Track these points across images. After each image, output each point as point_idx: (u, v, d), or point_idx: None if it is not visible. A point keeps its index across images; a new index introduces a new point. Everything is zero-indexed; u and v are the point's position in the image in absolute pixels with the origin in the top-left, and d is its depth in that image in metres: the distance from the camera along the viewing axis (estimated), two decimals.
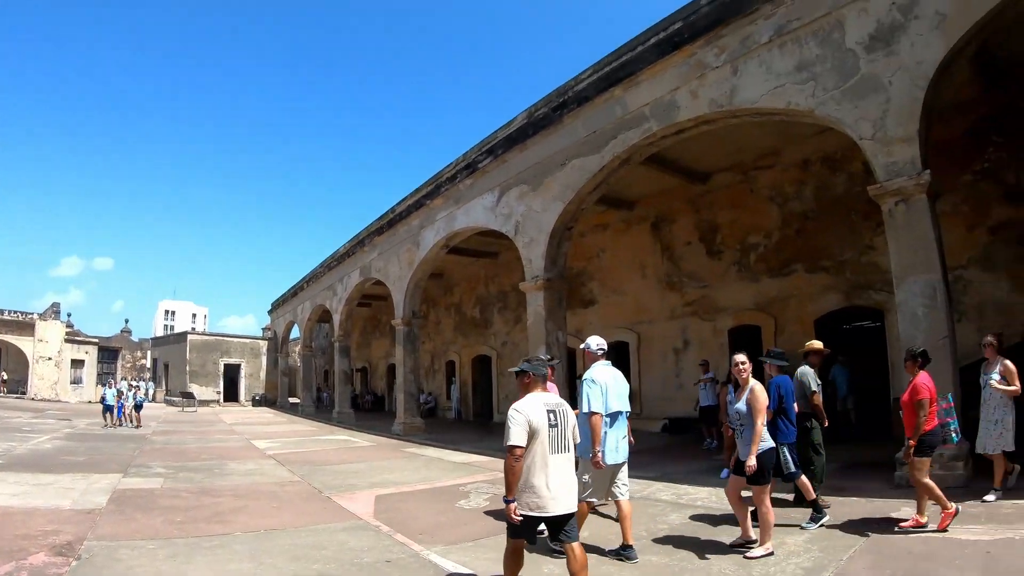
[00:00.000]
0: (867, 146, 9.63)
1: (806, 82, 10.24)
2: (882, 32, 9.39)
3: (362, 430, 24.06)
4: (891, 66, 9.32)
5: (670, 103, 12.31)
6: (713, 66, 11.57)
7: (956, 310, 12.16)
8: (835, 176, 15.49)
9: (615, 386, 7.39)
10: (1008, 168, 13.01)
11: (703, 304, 18.43)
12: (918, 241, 9.15)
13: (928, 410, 6.95)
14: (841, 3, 9.85)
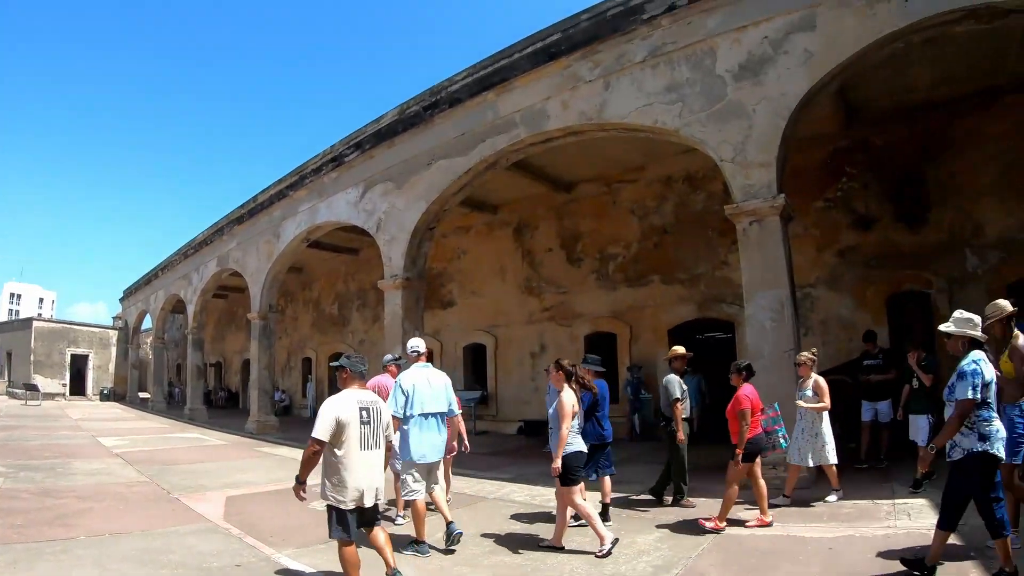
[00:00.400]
0: (727, 168, 10.05)
1: (674, 103, 10.61)
2: (752, 63, 9.89)
3: (214, 428, 23.19)
4: (756, 95, 9.83)
5: (541, 112, 12.25)
6: (586, 79, 11.65)
7: (803, 324, 13.12)
8: (695, 194, 16.23)
9: (427, 389, 7.59)
10: (858, 198, 14.29)
11: (561, 310, 18.68)
12: (769, 259, 9.61)
13: (749, 419, 7.36)
14: (716, 32, 10.28)
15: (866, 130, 14.33)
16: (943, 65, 12.43)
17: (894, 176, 14.10)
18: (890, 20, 9.16)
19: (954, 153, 13.79)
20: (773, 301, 9.55)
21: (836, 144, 14.56)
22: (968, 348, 5.44)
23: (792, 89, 9.62)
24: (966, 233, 13.54)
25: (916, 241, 13.82)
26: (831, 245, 14.48)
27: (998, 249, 13.30)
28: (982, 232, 13.44)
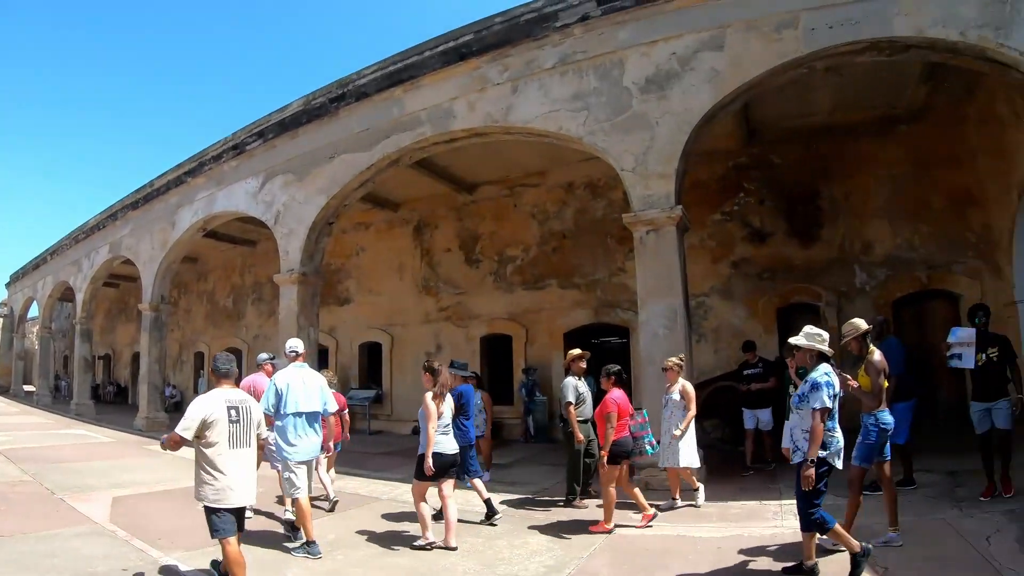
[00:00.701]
0: (627, 177, 10.22)
1: (580, 111, 10.75)
2: (658, 77, 10.13)
3: (102, 424, 22.17)
4: (661, 108, 10.08)
5: (447, 111, 12.12)
6: (495, 82, 11.59)
7: (696, 332, 13.71)
8: (596, 201, 16.43)
9: (302, 388, 7.64)
10: (754, 213, 14.88)
11: (458, 310, 18.56)
12: (664, 268, 9.82)
13: (615, 422, 7.57)
14: (626, 44, 10.48)
15: (766, 148, 14.92)
16: (843, 92, 13.00)
17: (790, 194, 14.74)
18: (795, 46, 9.57)
19: (848, 175, 14.59)
20: (666, 309, 9.76)
21: (736, 160, 15.10)
22: (817, 361, 5.75)
23: (696, 105, 9.91)
24: (856, 250, 14.37)
25: (808, 256, 14.53)
26: (726, 257, 14.99)
27: (885, 266, 14.24)
28: (871, 250, 14.32)
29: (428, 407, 7.31)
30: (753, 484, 9.80)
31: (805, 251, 14.54)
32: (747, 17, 9.86)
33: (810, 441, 5.49)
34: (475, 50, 12.00)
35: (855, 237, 14.40)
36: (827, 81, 12.27)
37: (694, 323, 13.91)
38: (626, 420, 7.91)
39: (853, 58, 10.05)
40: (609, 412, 7.69)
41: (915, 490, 8.39)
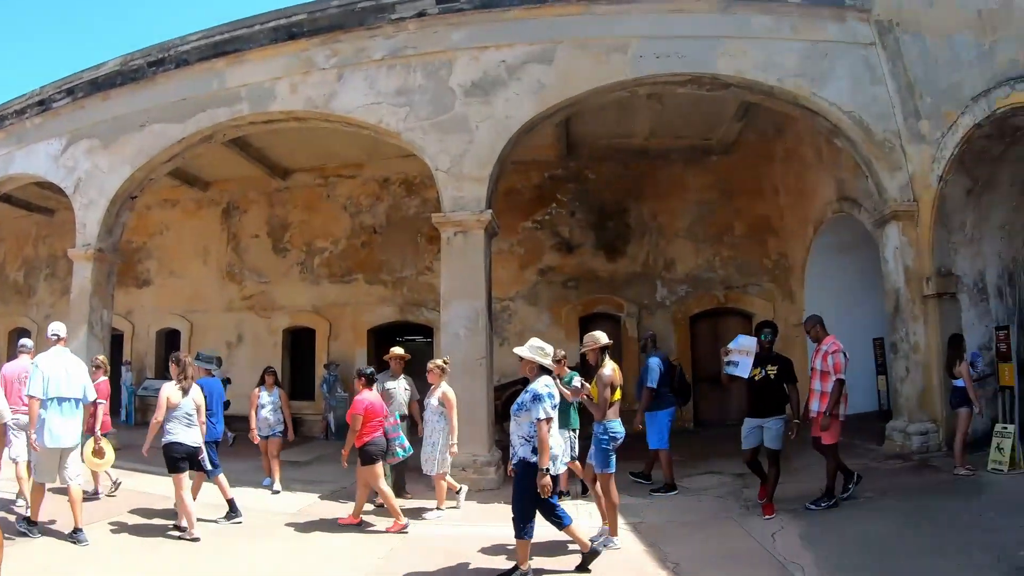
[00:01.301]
0: (441, 178, 10.21)
1: (402, 106, 10.59)
2: (485, 82, 10.20)
3: None
4: (483, 113, 10.15)
5: (268, 91, 11.61)
6: (321, 67, 11.23)
7: (500, 335, 13.85)
8: (410, 199, 16.34)
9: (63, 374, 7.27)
10: (564, 223, 15.38)
11: (262, 300, 17.58)
12: (469, 270, 9.87)
13: (359, 424, 7.60)
14: (458, 46, 10.48)
15: (582, 164, 15.47)
16: (663, 119, 13.69)
17: (601, 209, 15.36)
18: (621, 70, 10.01)
19: (658, 197, 15.45)
20: (469, 310, 9.81)
21: (552, 172, 15.54)
22: (538, 373, 5.93)
23: (518, 113, 10.08)
24: (659, 267, 15.29)
25: (613, 269, 15.21)
26: (534, 264, 15.35)
27: (686, 284, 15.23)
28: (673, 268, 15.28)
29: (161, 397, 7.26)
30: None
31: (611, 264, 15.21)
32: (581, 36, 10.18)
33: (539, 451, 5.59)
34: (306, 31, 11.51)
35: (659, 254, 15.29)
36: (648, 107, 12.84)
37: (498, 326, 14.20)
38: (380, 421, 7.92)
39: (675, 88, 10.70)
40: (354, 414, 7.72)
41: (706, 491, 8.92)
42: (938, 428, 9.88)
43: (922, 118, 10.04)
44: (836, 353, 7.67)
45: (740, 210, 15.35)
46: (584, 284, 15.15)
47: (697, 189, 15.37)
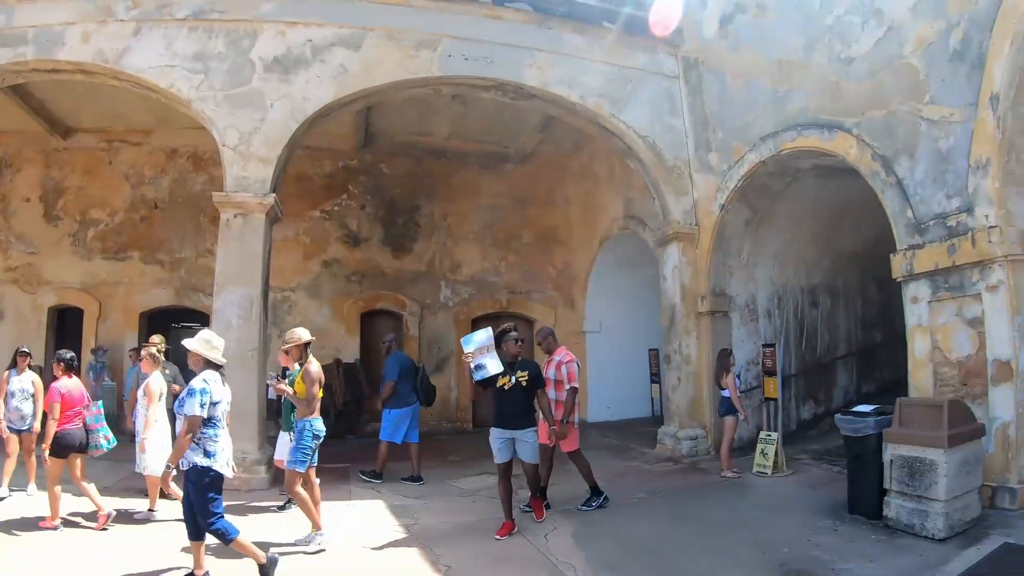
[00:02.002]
0: (227, 154, 9.27)
1: (198, 73, 9.38)
2: (287, 59, 9.36)
3: None
4: (280, 91, 9.31)
5: (58, 37, 9.73)
6: (119, 17, 9.63)
7: (279, 326, 12.89)
8: (197, 174, 14.50)
9: None
10: (353, 216, 14.60)
11: (28, 273, 14.89)
12: (247, 255, 9.05)
13: (56, 413, 6.80)
14: (266, 17, 9.49)
15: (378, 157, 14.84)
16: (464, 121, 13.43)
17: (392, 205, 14.82)
18: (428, 67, 9.59)
19: (450, 198, 15.14)
20: (243, 298, 8.96)
21: (347, 162, 14.76)
22: (204, 367, 5.44)
23: (317, 96, 9.35)
24: (445, 268, 14.96)
25: (398, 266, 14.70)
26: (319, 255, 14.39)
27: (471, 286, 15.01)
28: (459, 270, 15.01)
29: None
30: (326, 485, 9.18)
31: (397, 261, 14.72)
32: (393, 26, 9.62)
33: (175, 448, 5.20)
34: None
35: (446, 255, 15.01)
36: (451, 108, 12.62)
37: (277, 318, 13.31)
38: (78, 411, 7.05)
39: (480, 92, 10.43)
40: (51, 402, 6.84)
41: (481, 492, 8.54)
42: (707, 434, 10.48)
43: (712, 150, 10.59)
44: (570, 363, 7.61)
45: (530, 219, 15.52)
46: (368, 279, 14.50)
47: (490, 194, 15.30)
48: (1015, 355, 5.94)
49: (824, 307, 12.00)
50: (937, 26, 6.62)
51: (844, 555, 5.47)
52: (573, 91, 10.28)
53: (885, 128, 7.34)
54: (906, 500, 5.82)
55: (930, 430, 5.69)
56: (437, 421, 13.81)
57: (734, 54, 9.93)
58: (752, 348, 10.83)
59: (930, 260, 6.73)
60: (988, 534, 5.45)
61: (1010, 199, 6.10)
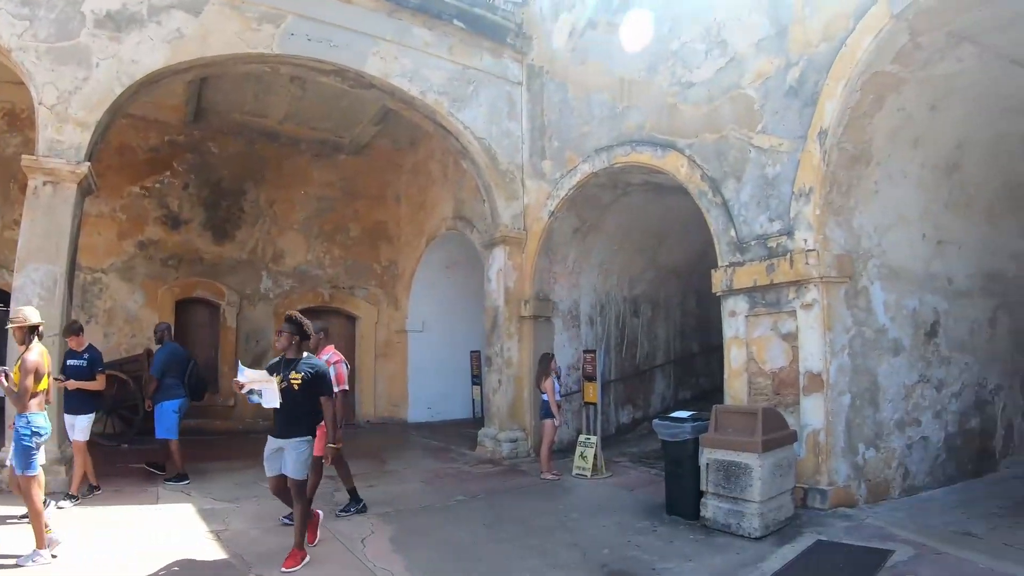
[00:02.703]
0: (43, 114, 8.20)
1: (23, 19, 8.22)
2: (121, 17, 8.41)
3: None
4: (109, 51, 8.34)
5: None
6: None
7: (88, 311, 12.05)
8: (11, 135, 12.62)
9: None
10: (175, 196, 13.48)
11: None
12: (55, 229, 8.12)
13: None
14: None
15: (208, 134, 13.82)
16: (301, 105, 12.92)
17: (217, 186, 13.87)
18: (269, 42, 9.03)
19: (279, 185, 14.41)
20: (46, 276, 8.05)
21: (174, 136, 13.54)
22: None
23: (148, 60, 8.47)
24: (267, 257, 14.22)
25: (219, 252, 13.78)
26: (135, 235, 13.07)
27: (293, 278, 14.40)
28: (282, 260, 14.34)
29: None
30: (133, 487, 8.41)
31: (218, 247, 13.74)
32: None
33: None
34: None
35: (270, 244, 14.28)
36: (289, 90, 12.12)
37: (86, 301, 12.14)
38: None
39: (319, 76, 10.00)
40: None
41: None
42: (527, 436, 10.62)
43: (547, 158, 10.77)
44: (339, 363, 7.07)
45: (360, 212, 15.13)
46: (186, 265, 13.42)
47: (321, 184, 14.75)
48: (825, 368, 6.45)
49: (645, 317, 12.53)
50: (777, 63, 7.07)
51: (664, 555, 5.66)
52: (415, 85, 10.12)
53: (716, 151, 7.76)
54: (723, 501, 6.13)
55: (745, 436, 6.02)
56: (252, 419, 13.00)
57: (579, 67, 10.14)
58: (573, 353, 11.12)
59: (749, 277, 7.17)
60: (802, 532, 5.85)
61: (828, 226, 6.64)
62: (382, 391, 15.00)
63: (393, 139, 14.55)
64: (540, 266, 10.83)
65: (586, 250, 11.27)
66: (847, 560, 5.11)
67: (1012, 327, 8.47)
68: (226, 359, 13.28)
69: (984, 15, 5.69)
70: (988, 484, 7.63)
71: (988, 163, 7.81)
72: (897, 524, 5.98)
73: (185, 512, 7.09)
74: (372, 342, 15.03)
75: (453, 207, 13.35)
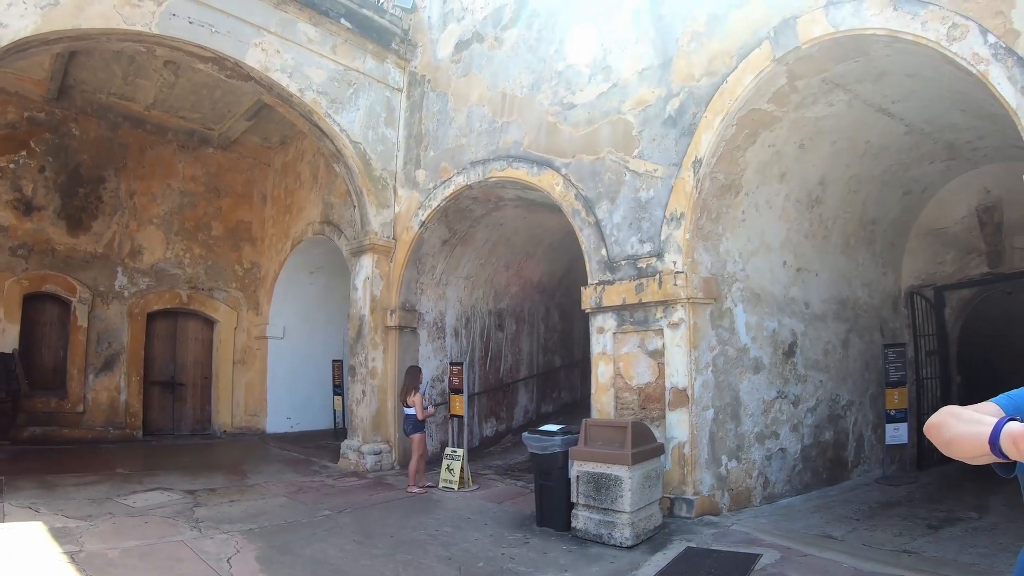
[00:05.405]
0: None
1: None
2: None
3: None
4: None
5: None
6: None
7: None
8: None
9: None
10: (29, 179, 12.37)
11: None
12: None
13: None
14: None
15: (71, 114, 12.76)
16: (172, 92, 12.31)
17: (76, 172, 12.82)
18: (148, 20, 8.41)
19: (141, 176, 13.56)
20: None
21: (34, 113, 12.40)
22: None
23: (16, 26, 7.59)
24: (124, 252, 13.31)
25: (73, 244, 12.74)
26: None
27: (150, 276, 13.55)
28: (140, 256, 13.48)
29: None
30: None
31: (72, 238, 12.68)
32: None
33: None
34: None
35: (128, 238, 13.33)
36: (161, 74, 11.49)
37: None
38: None
39: (196, 62, 9.44)
40: None
41: (154, 511, 7.55)
42: (391, 448, 10.43)
43: (421, 167, 10.69)
44: None
45: (223, 210, 14.44)
46: (37, 256, 12.25)
47: (185, 177, 13.96)
48: (690, 384, 6.72)
49: (510, 331, 12.61)
50: (659, 92, 7.34)
51: (538, 566, 5.67)
52: (294, 81, 9.77)
53: (592, 172, 7.95)
54: (594, 512, 6.23)
55: (615, 448, 6.16)
56: (103, 427, 12.18)
57: (462, 79, 10.14)
58: (438, 365, 11.08)
59: (619, 296, 7.38)
60: (671, 540, 6.03)
61: (697, 250, 6.95)
62: (240, 399, 14.37)
63: (264, 136, 14.08)
64: (408, 276, 10.71)
65: (454, 262, 11.26)
66: (717, 565, 5.30)
67: (862, 348, 9.17)
68: (75, 361, 12.29)
69: (859, 66, 6.15)
70: (842, 491, 8.21)
71: (846, 200, 8.47)
72: (761, 530, 6.30)
73: (35, 531, 6.44)
74: (231, 348, 14.39)
75: (321, 211, 13.00)
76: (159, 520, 7.09)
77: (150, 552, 5.91)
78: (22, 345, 11.74)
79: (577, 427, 6.78)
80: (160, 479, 9.12)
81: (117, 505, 7.61)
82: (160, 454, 11.42)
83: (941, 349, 9.99)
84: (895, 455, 9.08)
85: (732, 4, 6.71)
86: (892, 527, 6.43)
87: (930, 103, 6.87)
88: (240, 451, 12.02)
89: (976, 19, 4.91)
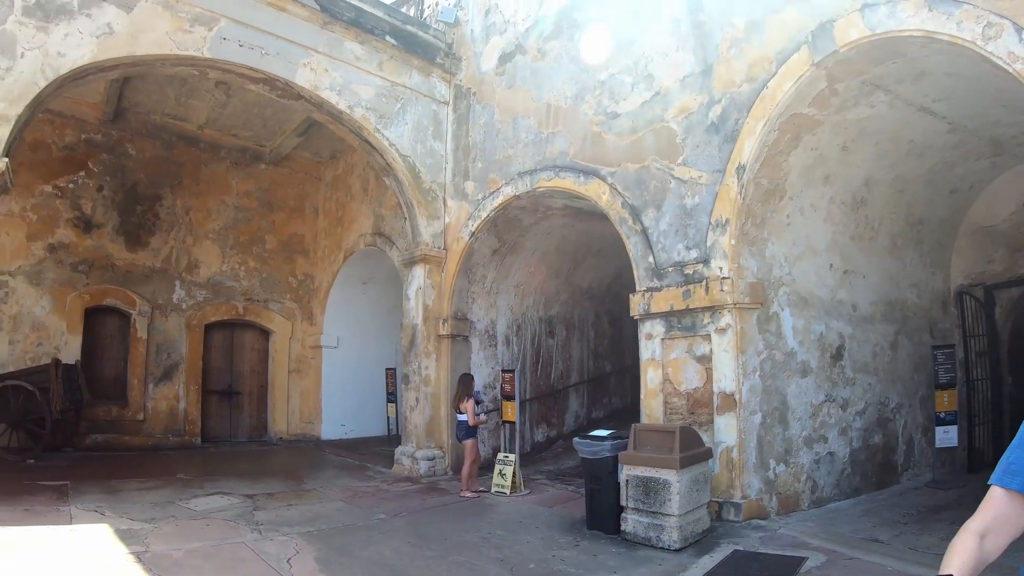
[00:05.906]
0: None
1: None
2: (51, 6, 7.95)
3: None
4: (35, 41, 7.86)
5: None
6: None
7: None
8: None
9: None
10: (89, 198, 12.99)
11: None
12: None
13: None
14: None
15: (127, 135, 13.38)
16: (224, 111, 12.74)
17: (133, 190, 13.44)
18: (200, 45, 8.77)
19: (196, 192, 14.09)
20: None
21: (92, 135, 13.05)
22: None
23: (75, 55, 8.04)
24: (181, 266, 13.84)
25: (132, 259, 13.32)
26: (44, 236, 12.50)
27: (207, 289, 14.03)
28: (196, 270, 13.97)
29: None
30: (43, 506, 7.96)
31: (131, 254, 13.27)
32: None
33: None
34: None
35: (184, 253, 13.89)
36: (214, 95, 11.90)
37: None
38: None
39: (247, 83, 9.81)
40: None
41: (216, 514, 7.89)
42: (444, 454, 10.64)
43: (470, 179, 10.90)
44: None
45: (277, 224, 14.94)
46: (97, 271, 12.85)
47: (239, 193, 14.50)
48: (738, 388, 6.78)
49: (560, 337, 12.74)
50: (700, 99, 7.42)
51: (589, 568, 5.80)
52: (343, 99, 10.09)
53: (638, 181, 8.06)
54: (642, 516, 6.33)
55: (664, 453, 6.25)
56: (163, 434, 12.72)
57: (507, 91, 10.33)
58: (490, 372, 11.26)
59: (666, 302, 7.47)
60: (719, 543, 6.11)
61: (742, 255, 7.01)
62: (295, 407, 14.79)
63: (314, 151, 14.48)
64: (459, 286, 10.92)
65: (504, 271, 11.44)
66: (763, 567, 5.37)
67: (911, 350, 9.07)
68: (135, 371, 12.84)
69: (897, 67, 6.16)
70: (891, 495, 8.16)
71: (892, 200, 8.43)
72: (808, 533, 6.33)
73: (102, 533, 6.77)
74: (286, 357, 14.81)
75: (372, 223, 13.31)
76: (220, 523, 7.40)
77: (213, 553, 6.20)
78: (84, 356, 12.31)
79: (627, 432, 6.87)
80: (220, 484, 9.48)
81: (179, 508, 7.95)
82: (218, 460, 11.84)
83: (991, 350, 9.80)
84: (945, 458, 8.93)
85: (770, 9, 6.77)
86: (939, 531, 6.39)
87: (972, 100, 6.82)
88: (296, 457, 12.37)
89: (1011, 17, 4.92)
